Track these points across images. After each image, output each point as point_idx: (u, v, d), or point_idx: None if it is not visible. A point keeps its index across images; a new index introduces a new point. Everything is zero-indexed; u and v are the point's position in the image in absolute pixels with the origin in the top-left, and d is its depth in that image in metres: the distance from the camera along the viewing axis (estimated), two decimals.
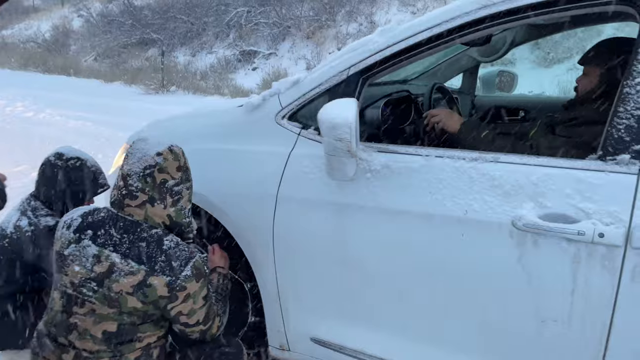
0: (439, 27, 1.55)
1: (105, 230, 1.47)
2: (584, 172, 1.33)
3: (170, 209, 1.53)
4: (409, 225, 1.54)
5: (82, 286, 1.44)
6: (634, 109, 1.29)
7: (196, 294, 1.49)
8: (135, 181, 1.49)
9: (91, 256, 1.46)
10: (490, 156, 1.46)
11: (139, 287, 1.42)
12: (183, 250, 1.49)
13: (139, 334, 1.48)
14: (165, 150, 1.53)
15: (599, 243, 1.28)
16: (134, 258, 1.44)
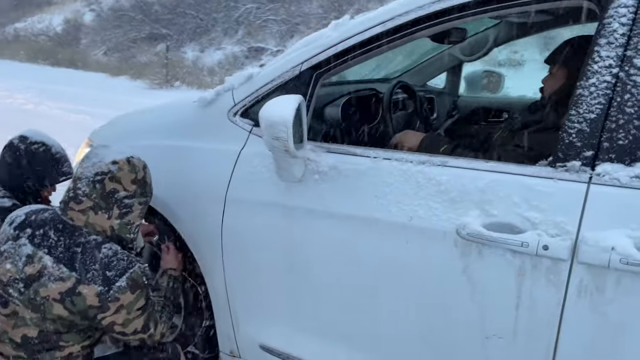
0: (392, 21, 1.47)
1: (45, 231, 1.41)
2: (532, 179, 1.24)
3: (115, 221, 1.47)
4: (355, 231, 1.46)
5: (9, 285, 1.38)
6: (586, 112, 1.20)
7: (131, 304, 1.42)
8: (83, 185, 1.43)
9: (25, 255, 1.40)
10: (438, 160, 1.38)
11: (67, 295, 1.35)
12: (121, 259, 1.42)
13: (61, 343, 1.41)
14: (123, 160, 1.47)
15: (544, 256, 1.19)
16: (67, 263, 1.38)
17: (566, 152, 1.22)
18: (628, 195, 1.14)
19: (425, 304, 1.39)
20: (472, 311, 1.32)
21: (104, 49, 17.40)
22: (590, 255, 1.14)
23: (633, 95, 1.15)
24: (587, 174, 1.19)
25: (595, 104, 1.19)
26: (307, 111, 1.61)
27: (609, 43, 1.19)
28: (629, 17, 1.18)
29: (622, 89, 1.17)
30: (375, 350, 1.51)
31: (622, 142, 1.16)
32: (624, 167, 1.16)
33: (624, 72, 1.16)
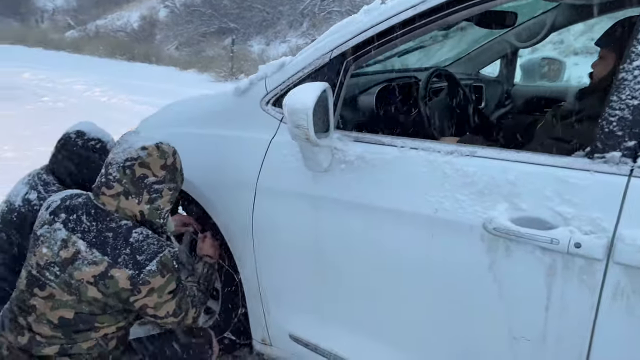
0: (424, 3, 1.40)
1: (78, 216, 1.47)
2: (566, 171, 1.15)
3: (145, 206, 1.49)
4: (380, 223, 1.42)
5: (46, 269, 1.45)
6: (629, 98, 1.09)
7: (161, 288, 1.45)
8: (114, 171, 1.47)
9: (60, 240, 1.46)
10: (466, 150, 1.30)
11: (100, 278, 1.40)
12: (151, 244, 1.45)
13: (96, 324, 1.47)
14: (152, 146, 1.50)
15: (576, 254, 1.10)
16: (99, 248, 1.43)
17: (605, 142, 1.11)
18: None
19: (451, 299, 1.32)
20: (499, 310, 1.24)
21: (176, 43, 18.09)
22: (627, 255, 1.04)
23: None
24: (628, 166, 1.08)
25: (639, 89, 1.08)
26: (338, 99, 1.59)
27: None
28: None
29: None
30: (400, 345, 1.47)
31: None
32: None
33: None
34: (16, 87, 9.05)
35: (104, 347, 1.50)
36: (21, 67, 11.87)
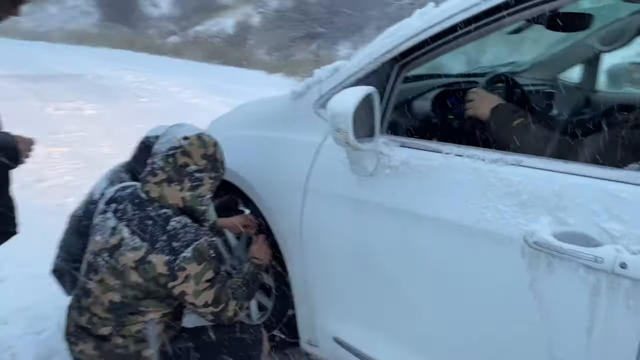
0: (477, 6, 1.36)
1: (125, 206, 1.58)
2: (618, 185, 1.06)
3: (187, 193, 1.56)
4: (422, 230, 1.39)
5: (99, 255, 1.56)
6: None
7: (198, 275, 1.51)
8: (158, 159, 1.56)
9: (110, 228, 1.57)
10: (511, 158, 1.25)
11: (140, 263, 1.49)
12: (188, 232, 1.52)
13: (142, 309, 1.55)
14: (193, 136, 1.57)
15: (622, 275, 1.01)
16: (140, 234, 1.51)
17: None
18: None
19: (489, 316, 1.27)
20: (539, 329, 1.17)
21: (267, 48, 18.71)
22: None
23: None
24: None
25: None
26: (388, 104, 1.58)
27: None
28: None
29: None
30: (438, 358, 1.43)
31: None
32: None
33: None
34: (119, 88, 9.83)
35: (152, 331, 1.59)
36: (126, 70, 12.87)
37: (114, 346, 1.58)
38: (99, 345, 1.59)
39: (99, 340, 1.59)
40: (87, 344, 1.60)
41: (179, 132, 1.57)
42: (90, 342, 1.59)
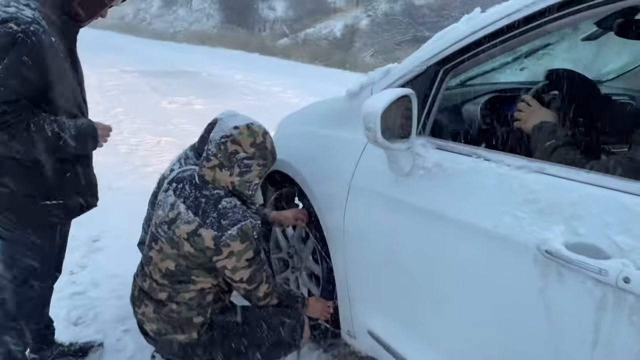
0: (519, 12, 1.35)
1: (183, 185, 1.76)
2: (633, 198, 1.03)
3: (236, 178, 1.71)
4: (446, 232, 1.42)
5: (160, 227, 1.76)
6: None
7: (240, 253, 1.65)
8: (212, 147, 1.73)
9: (169, 204, 1.76)
10: (535, 166, 1.24)
11: (191, 235, 1.66)
12: (236, 212, 1.66)
13: (193, 277, 1.73)
14: (243, 125, 1.71)
15: (625, 290, 0.98)
16: (194, 210, 1.68)
17: None
18: None
19: (503, 320, 1.27)
20: (546, 339, 1.16)
21: (372, 51, 18.82)
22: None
23: None
24: None
25: None
26: (432, 106, 1.61)
27: None
28: None
29: None
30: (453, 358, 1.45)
31: None
32: None
33: None
34: (228, 86, 10.50)
35: (202, 299, 1.76)
36: (236, 69, 13.67)
37: (169, 310, 1.77)
38: (157, 309, 1.79)
39: (157, 304, 1.79)
40: (147, 307, 1.81)
41: (232, 121, 1.73)
42: (151, 305, 1.80)
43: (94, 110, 1.89)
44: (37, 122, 1.52)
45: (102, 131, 1.75)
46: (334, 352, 2.23)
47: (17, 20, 1.47)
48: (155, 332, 1.82)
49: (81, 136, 1.67)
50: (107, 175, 4.53)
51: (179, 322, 1.78)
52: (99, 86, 9.66)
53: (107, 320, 2.40)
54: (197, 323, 1.79)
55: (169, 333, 1.79)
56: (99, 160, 5.04)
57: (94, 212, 3.48)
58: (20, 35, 1.46)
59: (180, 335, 1.79)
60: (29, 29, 1.47)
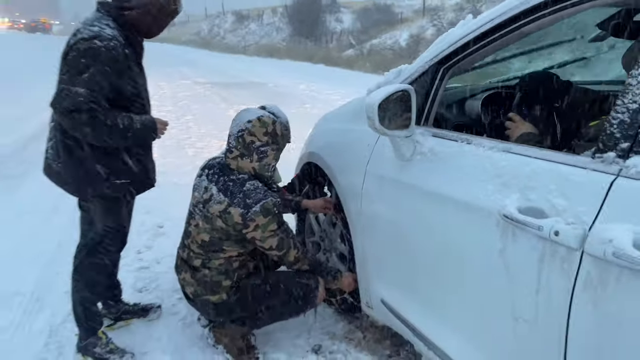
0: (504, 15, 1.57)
1: (214, 171, 2.10)
2: (571, 169, 1.24)
3: (255, 164, 2.05)
4: (438, 207, 1.65)
5: (196, 206, 2.11)
6: (630, 102, 1.14)
7: (264, 226, 1.98)
8: (232, 140, 2.06)
9: (203, 187, 2.10)
10: (503, 146, 1.46)
11: (222, 213, 1.99)
12: (259, 192, 1.99)
13: (224, 247, 2.07)
14: (254, 118, 2.03)
15: (556, 242, 1.19)
16: (224, 192, 2.01)
17: (606, 142, 1.18)
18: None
19: (480, 283, 1.49)
20: (507, 293, 1.37)
21: None
22: (593, 246, 1.11)
23: None
24: (618, 166, 1.13)
25: (639, 94, 1.12)
26: (434, 101, 1.85)
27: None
28: None
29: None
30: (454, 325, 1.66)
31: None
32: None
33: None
34: (290, 96, 10.98)
35: (230, 265, 2.10)
36: (300, 80, 14.21)
37: (203, 275, 2.12)
38: (193, 274, 2.14)
39: (193, 270, 2.14)
40: (186, 273, 2.17)
41: (245, 116, 2.06)
42: (189, 271, 2.16)
43: (166, 117, 2.28)
44: (113, 117, 1.91)
45: (160, 125, 2.12)
46: (357, 324, 2.48)
47: (100, 37, 1.86)
48: (193, 294, 2.17)
49: (145, 129, 2.05)
50: (174, 172, 5.05)
51: (210, 285, 2.12)
52: (172, 96, 10.44)
53: (166, 290, 2.79)
54: (225, 286, 2.12)
55: (203, 294, 2.14)
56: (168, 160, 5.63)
57: (160, 203, 3.98)
58: (103, 49, 1.85)
59: (213, 296, 2.13)
60: (109, 44, 1.87)
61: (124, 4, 1.96)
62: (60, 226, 3.54)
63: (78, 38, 1.86)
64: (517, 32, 1.59)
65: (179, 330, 2.42)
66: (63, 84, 1.84)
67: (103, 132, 1.89)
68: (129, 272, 2.95)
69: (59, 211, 3.80)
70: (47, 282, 2.83)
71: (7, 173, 4.93)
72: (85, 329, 2.18)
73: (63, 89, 1.83)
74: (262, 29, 37.08)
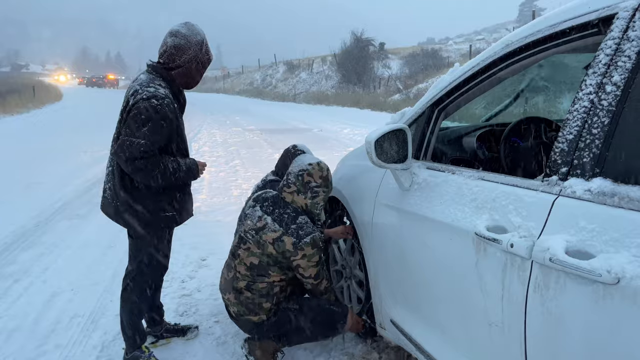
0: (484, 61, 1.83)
1: (269, 203, 2.40)
2: (524, 191, 1.46)
3: (308, 200, 2.35)
4: (428, 230, 1.87)
5: (248, 232, 2.40)
6: (568, 134, 1.35)
7: (310, 256, 2.26)
8: (292, 177, 2.38)
9: (257, 216, 2.40)
10: (478, 174, 1.69)
11: (276, 240, 2.28)
12: (309, 226, 2.29)
13: (269, 272, 2.34)
14: (315, 162, 2.37)
15: (513, 253, 1.40)
16: (279, 222, 2.31)
17: (551, 167, 1.39)
18: (577, 206, 1.27)
19: (463, 295, 1.68)
20: (481, 301, 1.57)
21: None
22: (538, 254, 1.31)
23: (599, 118, 1.27)
24: (559, 187, 1.34)
25: (574, 127, 1.34)
26: (430, 137, 2.11)
27: (594, 72, 1.33)
28: (613, 48, 1.29)
29: (593, 112, 1.29)
30: (445, 336, 1.86)
31: (585, 160, 1.29)
32: (583, 181, 1.28)
33: (597, 97, 1.29)
34: (334, 140, 11.39)
35: (271, 289, 2.36)
36: (346, 125, 14.67)
37: (246, 297, 2.39)
38: (237, 295, 2.42)
39: (237, 292, 2.42)
40: (231, 294, 2.45)
41: (306, 159, 2.39)
42: (233, 292, 2.44)
43: (216, 162, 2.65)
44: (164, 162, 2.27)
45: (201, 167, 2.48)
46: (374, 346, 2.66)
47: (156, 97, 2.23)
48: (236, 313, 2.44)
49: (189, 171, 2.40)
50: (220, 211, 5.43)
51: (252, 306, 2.39)
52: (223, 142, 11.07)
53: (204, 314, 3.07)
54: (266, 308, 2.38)
55: (245, 314, 2.41)
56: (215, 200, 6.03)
57: (205, 238, 4.34)
58: (159, 107, 2.22)
59: (254, 317, 2.39)
60: (164, 102, 2.24)
61: (170, 65, 2.36)
62: (115, 259, 3.94)
63: (138, 98, 2.23)
64: (494, 77, 1.84)
65: (213, 348, 2.69)
66: (126, 136, 2.21)
67: (157, 175, 2.25)
68: (172, 299, 3.27)
69: (115, 246, 4.22)
70: (102, 307, 3.18)
71: (74, 213, 5.48)
72: (130, 343, 2.48)
73: (125, 140, 2.20)
74: (312, 77, 38.43)
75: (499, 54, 1.74)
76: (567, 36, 1.49)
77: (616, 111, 1.24)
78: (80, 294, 3.39)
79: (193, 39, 2.34)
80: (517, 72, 1.79)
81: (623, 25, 1.28)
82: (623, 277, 1.09)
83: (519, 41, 1.65)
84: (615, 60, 1.27)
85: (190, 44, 2.34)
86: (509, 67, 1.75)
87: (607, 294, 1.13)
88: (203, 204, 5.69)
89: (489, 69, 1.81)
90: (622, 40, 1.27)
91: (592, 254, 1.18)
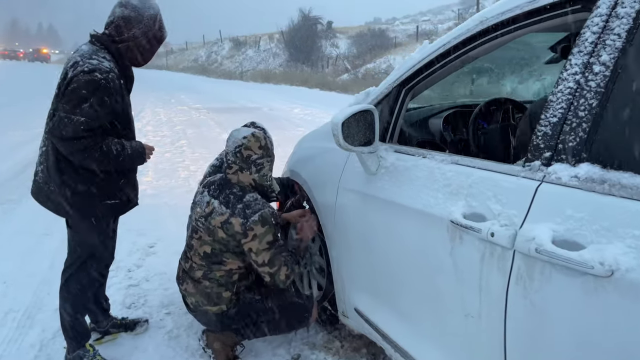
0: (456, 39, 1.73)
1: (215, 187, 2.24)
2: (504, 176, 1.38)
3: (255, 175, 2.19)
4: (397, 216, 1.78)
5: (199, 220, 2.24)
6: (551, 116, 1.28)
7: (261, 236, 2.10)
8: (231, 156, 2.21)
9: (205, 202, 2.24)
10: (451, 158, 1.60)
11: (224, 224, 2.12)
12: (257, 204, 2.13)
13: (224, 259, 2.19)
14: (249, 134, 2.19)
15: (493, 243, 1.32)
16: (225, 204, 2.15)
17: (533, 152, 1.32)
18: (563, 193, 1.20)
19: (434, 285, 1.61)
20: (457, 291, 1.50)
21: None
22: (521, 244, 1.24)
23: (586, 100, 1.20)
24: (542, 173, 1.27)
25: (558, 109, 1.26)
26: (397, 119, 2.00)
27: (579, 51, 1.25)
28: (600, 26, 1.22)
29: (579, 94, 1.22)
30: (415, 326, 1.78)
31: (571, 144, 1.22)
32: (569, 167, 1.21)
33: (584, 78, 1.22)
34: (285, 119, 11.19)
35: (230, 278, 2.22)
36: (295, 104, 14.47)
37: (204, 287, 2.24)
38: (195, 285, 2.26)
39: (195, 281, 2.26)
40: (188, 284, 2.29)
41: (239, 134, 2.21)
42: (190, 282, 2.28)
43: (161, 141, 2.43)
44: (107, 144, 2.06)
45: (147, 150, 2.27)
46: (336, 334, 2.58)
47: (100, 70, 2.00)
48: (194, 304, 2.29)
49: (134, 154, 2.19)
50: (167, 194, 5.18)
51: (211, 296, 2.24)
52: (167, 121, 10.65)
53: (154, 306, 2.89)
54: (225, 297, 2.24)
55: (203, 305, 2.26)
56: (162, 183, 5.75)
57: (152, 224, 4.10)
58: (102, 81, 1.99)
59: (213, 307, 2.25)
60: (108, 77, 2.01)
61: (116, 38, 2.12)
62: (51, 248, 3.65)
63: (78, 71, 2.00)
64: (465, 57, 1.75)
65: (164, 342, 2.52)
66: (64, 112, 1.97)
67: (98, 157, 2.03)
68: (118, 289, 3.06)
69: (52, 234, 3.92)
70: (38, 301, 2.93)
71: (5, 198, 5.06)
72: (72, 342, 2.28)
73: (63, 117, 1.97)
74: (259, 55, 37.68)
75: (472, 31, 1.64)
76: (547, 12, 1.41)
77: (605, 92, 1.17)
78: (13, 286, 3.10)
79: (145, 13, 2.12)
80: (490, 51, 1.71)
81: (611, 1, 1.21)
82: (617, 270, 1.03)
83: (495, 17, 1.56)
84: (604, 39, 1.20)
85: (142, 17, 2.11)
86: (483, 46, 1.67)
87: (599, 287, 1.07)
88: (149, 187, 5.40)
89: (462, 46, 1.71)
90: (611, 17, 1.20)
91: (581, 244, 1.12)
